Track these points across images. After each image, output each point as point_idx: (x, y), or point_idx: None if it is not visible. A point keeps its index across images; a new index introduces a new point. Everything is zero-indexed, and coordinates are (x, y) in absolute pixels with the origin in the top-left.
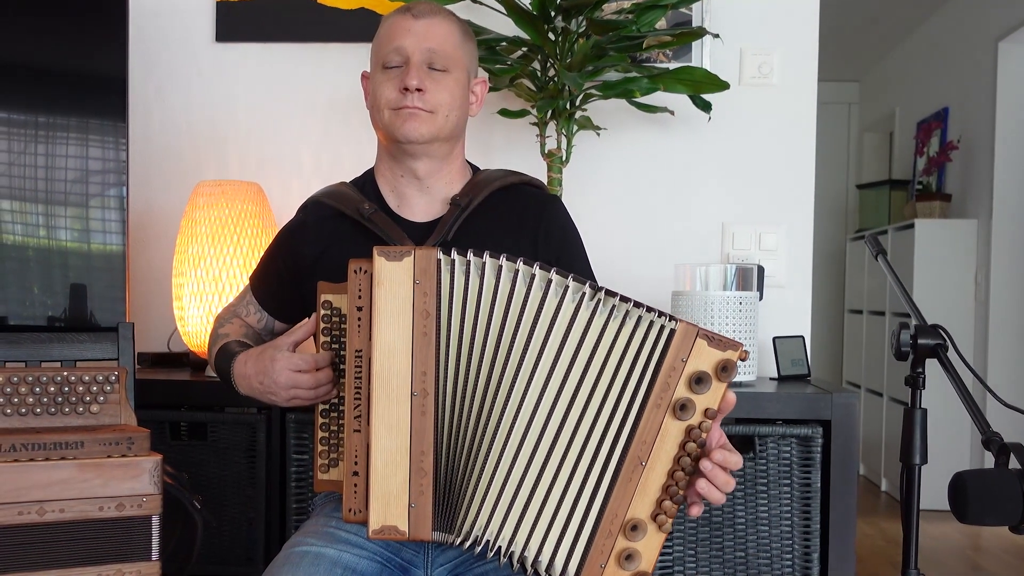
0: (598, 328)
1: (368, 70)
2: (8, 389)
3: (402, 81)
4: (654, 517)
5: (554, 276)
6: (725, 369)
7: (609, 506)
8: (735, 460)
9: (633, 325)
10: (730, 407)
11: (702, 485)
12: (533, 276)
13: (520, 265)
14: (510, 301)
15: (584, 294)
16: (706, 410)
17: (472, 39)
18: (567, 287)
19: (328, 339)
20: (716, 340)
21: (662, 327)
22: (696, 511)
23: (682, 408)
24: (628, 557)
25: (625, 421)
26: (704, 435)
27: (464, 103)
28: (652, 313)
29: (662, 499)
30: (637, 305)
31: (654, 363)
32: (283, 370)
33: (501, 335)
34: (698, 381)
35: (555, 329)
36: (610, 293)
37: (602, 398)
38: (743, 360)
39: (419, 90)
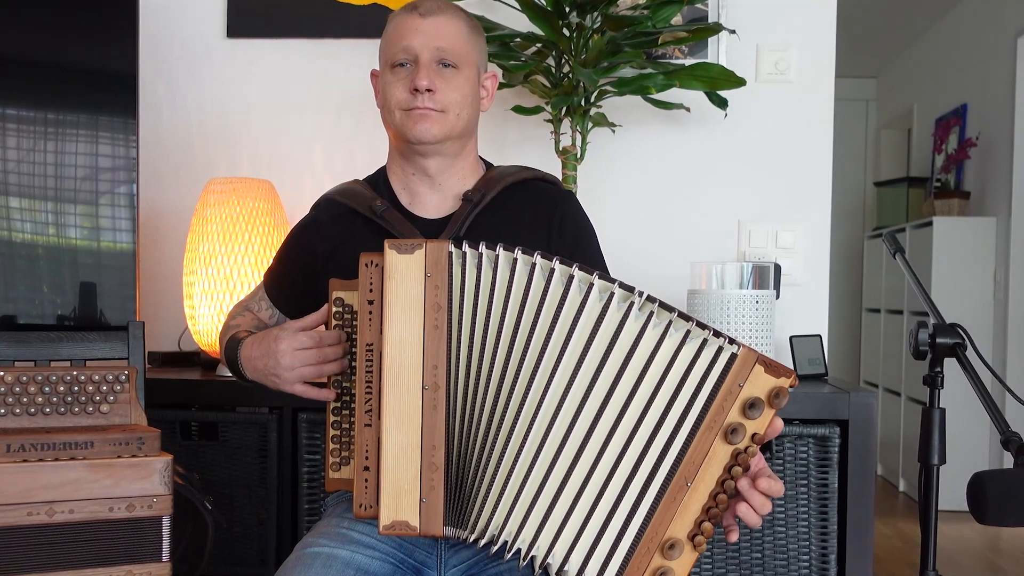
0: (633, 333)
1: (377, 68)
2: (17, 388)
3: (412, 82)
4: (692, 537)
5: (576, 272)
6: (777, 396)
7: (651, 524)
8: (778, 488)
9: (681, 339)
10: (776, 433)
11: (743, 509)
12: (552, 271)
13: (538, 259)
14: (526, 296)
15: (613, 294)
16: (753, 435)
17: (480, 33)
18: (592, 284)
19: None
20: (772, 367)
21: (720, 348)
22: (734, 536)
23: (732, 432)
24: (662, 575)
25: (674, 440)
26: (750, 459)
27: (475, 99)
28: (706, 330)
29: (701, 520)
30: (685, 317)
31: (711, 385)
32: (287, 350)
33: (517, 330)
34: (751, 406)
35: (578, 328)
36: (651, 299)
37: (642, 410)
38: (792, 388)
39: (429, 90)
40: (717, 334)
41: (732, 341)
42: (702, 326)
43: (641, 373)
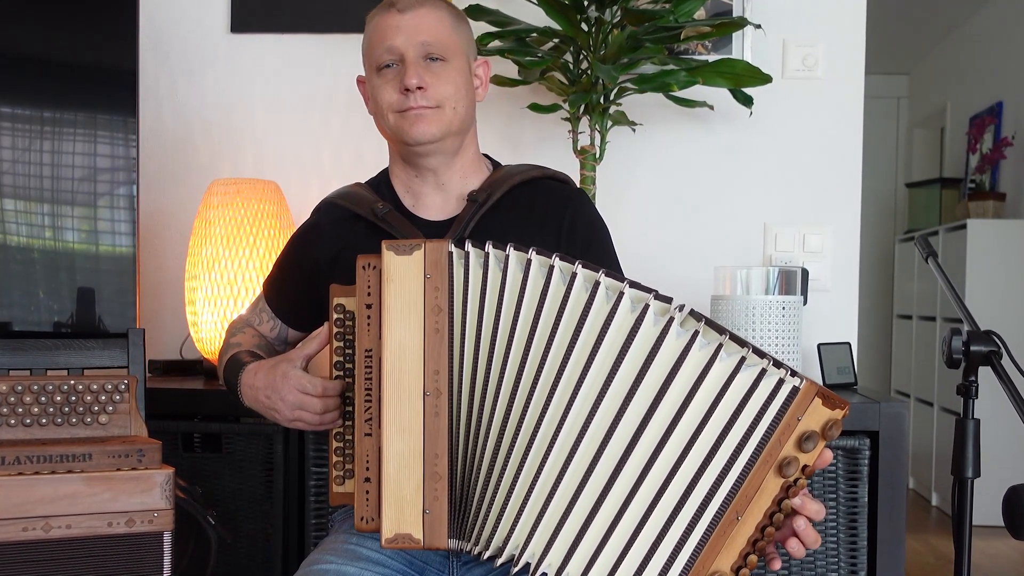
0: (674, 352)
1: (363, 74)
2: (12, 398)
3: (401, 82)
4: (736, 570)
5: (603, 279)
6: (832, 428)
7: (699, 559)
8: (819, 511)
9: (735, 365)
10: (825, 464)
11: (792, 543)
12: (574, 275)
13: (556, 261)
14: (543, 300)
15: (648, 306)
16: (804, 467)
17: (465, 20)
18: (622, 293)
19: (341, 344)
20: (829, 399)
21: (781, 380)
22: (777, 564)
23: (786, 465)
24: None
25: (728, 473)
26: (799, 491)
27: (469, 91)
28: (765, 359)
29: (747, 552)
30: (739, 341)
31: (771, 419)
32: (292, 389)
33: (532, 337)
34: (807, 439)
35: (607, 340)
36: (695, 315)
37: (690, 438)
38: (844, 418)
39: (420, 88)
40: (778, 364)
41: (794, 373)
42: (759, 353)
43: (687, 397)
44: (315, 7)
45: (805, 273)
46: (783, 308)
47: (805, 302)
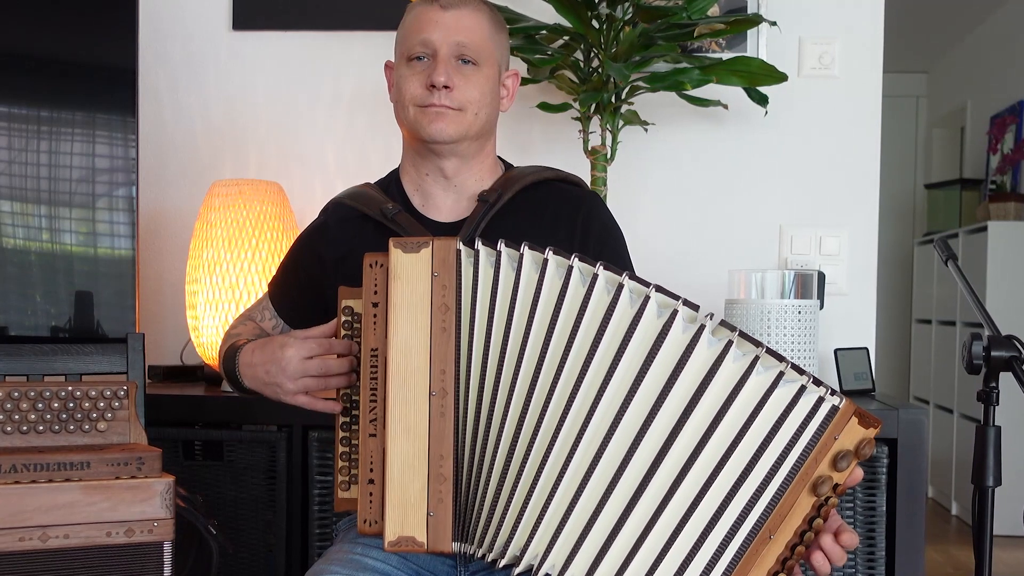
0: (705, 362)
1: (392, 60)
2: (9, 405)
3: (429, 77)
4: None
5: (627, 282)
6: (864, 447)
7: None
8: (856, 541)
9: (772, 380)
10: (855, 483)
11: (819, 560)
12: (595, 276)
13: (576, 262)
14: (560, 302)
15: (676, 312)
16: (835, 485)
17: (504, 29)
18: (648, 298)
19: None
20: (865, 418)
21: (820, 399)
22: None
23: (820, 483)
24: None
25: (763, 491)
26: (830, 510)
27: (495, 98)
28: (804, 376)
29: (776, 571)
30: (776, 356)
31: (809, 437)
32: (294, 358)
33: (548, 339)
34: (841, 458)
35: (633, 345)
36: (727, 325)
37: (723, 453)
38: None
39: (446, 87)
40: (817, 382)
41: (833, 392)
42: (798, 370)
43: (720, 410)
44: (319, 4)
45: (821, 276)
46: (799, 312)
47: (822, 306)
